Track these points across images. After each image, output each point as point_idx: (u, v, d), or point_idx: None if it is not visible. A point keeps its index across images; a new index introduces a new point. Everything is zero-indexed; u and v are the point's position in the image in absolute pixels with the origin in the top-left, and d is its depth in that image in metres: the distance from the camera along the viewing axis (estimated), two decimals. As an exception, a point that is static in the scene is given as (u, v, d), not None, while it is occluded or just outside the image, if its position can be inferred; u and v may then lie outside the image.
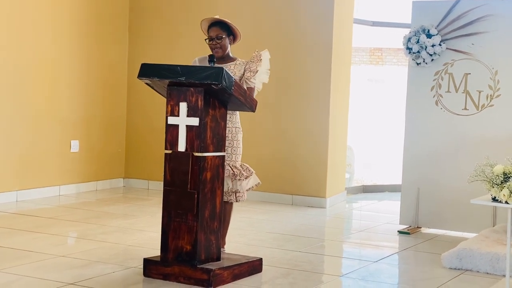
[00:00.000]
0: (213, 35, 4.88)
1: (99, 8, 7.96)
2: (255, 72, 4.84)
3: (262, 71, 4.89)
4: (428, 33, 6.21)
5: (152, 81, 4.54)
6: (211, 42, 4.89)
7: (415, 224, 6.39)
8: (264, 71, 4.91)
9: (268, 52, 4.94)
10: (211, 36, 4.89)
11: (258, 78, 4.86)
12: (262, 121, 7.59)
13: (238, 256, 4.76)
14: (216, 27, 4.89)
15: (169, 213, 4.47)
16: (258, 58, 4.88)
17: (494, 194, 4.24)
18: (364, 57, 13.24)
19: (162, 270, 4.45)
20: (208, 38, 4.90)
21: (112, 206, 7.09)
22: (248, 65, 4.87)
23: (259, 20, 7.71)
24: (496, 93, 6.10)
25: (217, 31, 4.88)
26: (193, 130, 4.39)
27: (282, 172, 7.63)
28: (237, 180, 4.82)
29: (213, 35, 4.88)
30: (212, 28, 4.90)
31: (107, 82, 8.11)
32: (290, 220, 6.73)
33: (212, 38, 4.88)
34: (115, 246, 5.36)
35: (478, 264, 4.96)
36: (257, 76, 4.85)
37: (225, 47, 4.90)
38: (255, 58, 4.88)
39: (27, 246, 5.24)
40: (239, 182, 4.82)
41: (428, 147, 6.33)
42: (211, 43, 4.89)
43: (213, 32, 4.88)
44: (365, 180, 9.67)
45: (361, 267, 5.09)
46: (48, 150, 7.44)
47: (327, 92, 7.45)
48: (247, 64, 4.88)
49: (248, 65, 4.86)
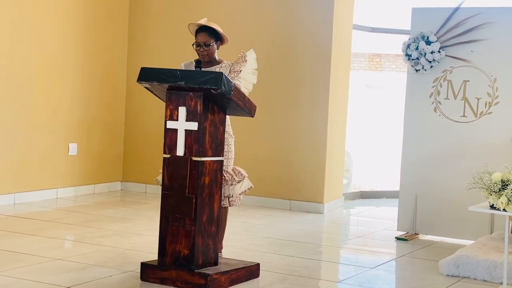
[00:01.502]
0: (201, 42, 4.86)
1: (99, 11, 7.96)
2: (238, 72, 4.83)
3: (247, 71, 4.87)
4: (428, 40, 6.22)
5: (151, 85, 4.55)
6: (199, 48, 4.87)
7: (412, 230, 6.39)
8: (250, 71, 4.89)
9: (253, 52, 4.93)
10: (198, 42, 4.86)
11: (243, 78, 4.85)
12: (260, 125, 7.59)
13: (235, 261, 4.76)
14: (204, 33, 4.86)
15: (167, 217, 4.46)
16: (243, 58, 4.88)
17: (492, 201, 4.25)
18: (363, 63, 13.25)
19: (160, 274, 4.45)
20: (195, 44, 4.88)
21: (110, 210, 7.08)
22: (232, 66, 4.87)
23: (258, 25, 7.72)
24: (495, 101, 6.10)
25: (205, 37, 4.85)
26: (192, 134, 4.40)
27: (280, 177, 7.63)
28: (229, 185, 4.84)
29: (201, 41, 4.85)
30: (200, 33, 4.87)
31: (106, 85, 8.11)
32: (287, 225, 6.73)
33: (200, 44, 4.86)
34: (113, 249, 5.35)
35: (475, 272, 4.96)
36: (241, 76, 4.83)
37: (212, 53, 4.90)
38: (240, 59, 4.88)
39: (24, 248, 5.23)
40: (232, 186, 4.84)
41: (426, 154, 6.34)
42: (198, 49, 4.87)
43: (201, 38, 4.85)
44: (363, 186, 9.67)
45: (358, 273, 5.08)
46: (47, 152, 7.44)
47: (326, 98, 7.45)
48: (232, 65, 4.88)
49: (233, 66, 4.86)
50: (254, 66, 4.91)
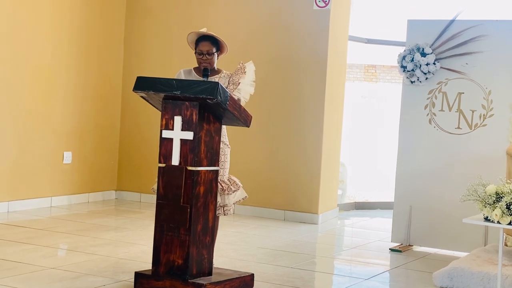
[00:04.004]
0: (204, 51, 4.88)
1: (94, 19, 7.97)
2: (237, 85, 4.86)
3: (246, 82, 4.90)
4: (423, 52, 6.24)
5: (147, 94, 4.55)
6: (201, 57, 4.89)
7: (406, 242, 6.39)
8: (248, 82, 4.92)
9: (252, 63, 4.96)
10: (201, 50, 4.88)
11: (242, 90, 4.87)
12: (255, 136, 7.60)
13: (229, 271, 4.75)
14: (206, 41, 4.88)
15: (161, 227, 4.46)
16: (242, 70, 4.91)
17: (486, 213, 4.26)
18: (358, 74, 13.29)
19: (153, 284, 4.44)
20: (197, 52, 4.90)
21: (104, 219, 7.07)
22: (231, 78, 4.89)
23: (254, 36, 7.74)
24: (489, 113, 6.12)
25: (208, 46, 4.87)
26: (187, 144, 4.40)
27: (274, 187, 7.63)
28: (225, 194, 4.84)
29: (204, 50, 4.87)
30: (202, 42, 4.89)
31: (101, 94, 8.11)
32: (281, 236, 6.72)
33: (203, 53, 4.88)
34: (106, 258, 5.34)
35: (469, 284, 4.96)
36: (241, 88, 4.86)
37: (213, 62, 4.92)
38: (239, 70, 4.90)
39: (18, 257, 5.21)
40: (227, 196, 4.85)
41: (421, 165, 6.35)
42: (201, 57, 4.89)
43: (204, 47, 4.87)
44: (357, 197, 9.68)
45: (352, 284, 5.08)
46: (41, 161, 7.42)
47: (321, 108, 7.47)
48: (231, 76, 4.90)
49: (232, 78, 4.89)
50: (252, 78, 4.94)
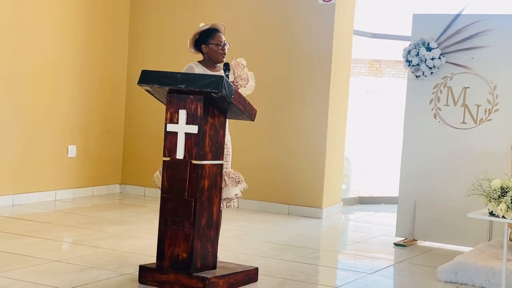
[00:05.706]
0: (224, 41, 4.84)
1: (99, 13, 7.96)
2: (246, 80, 4.86)
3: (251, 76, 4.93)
4: (428, 46, 6.23)
5: (152, 88, 4.54)
6: (221, 48, 4.84)
7: (411, 236, 6.39)
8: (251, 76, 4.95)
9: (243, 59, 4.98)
10: (220, 41, 4.82)
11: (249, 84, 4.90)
12: (260, 130, 7.59)
13: (233, 265, 4.75)
14: (222, 34, 4.88)
15: (165, 220, 4.46)
16: (242, 65, 4.90)
17: (491, 208, 4.25)
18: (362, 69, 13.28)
19: (158, 278, 4.44)
20: (217, 44, 4.82)
21: (108, 212, 7.08)
22: (236, 74, 4.87)
23: (259, 30, 7.72)
24: (495, 108, 6.11)
25: (223, 38, 4.87)
26: (192, 137, 4.39)
27: (279, 182, 7.62)
28: (229, 186, 4.83)
29: (224, 40, 4.84)
30: (219, 33, 4.85)
31: (105, 87, 8.11)
32: (286, 230, 6.72)
33: (223, 43, 4.83)
34: (111, 252, 5.35)
35: (473, 278, 4.96)
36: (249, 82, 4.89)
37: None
38: (239, 65, 4.90)
39: (22, 250, 5.22)
40: (231, 188, 4.83)
41: (426, 160, 6.34)
42: (220, 49, 4.84)
43: (222, 38, 4.84)
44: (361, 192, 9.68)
45: (356, 278, 5.08)
46: (45, 154, 7.43)
47: (326, 103, 7.46)
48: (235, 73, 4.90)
49: (237, 73, 4.87)
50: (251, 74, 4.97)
